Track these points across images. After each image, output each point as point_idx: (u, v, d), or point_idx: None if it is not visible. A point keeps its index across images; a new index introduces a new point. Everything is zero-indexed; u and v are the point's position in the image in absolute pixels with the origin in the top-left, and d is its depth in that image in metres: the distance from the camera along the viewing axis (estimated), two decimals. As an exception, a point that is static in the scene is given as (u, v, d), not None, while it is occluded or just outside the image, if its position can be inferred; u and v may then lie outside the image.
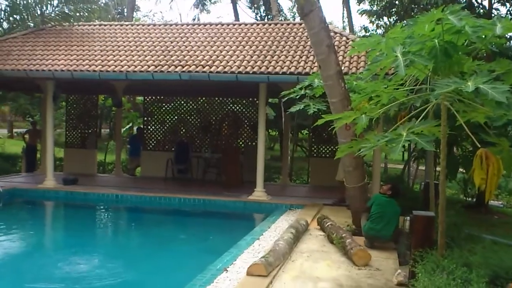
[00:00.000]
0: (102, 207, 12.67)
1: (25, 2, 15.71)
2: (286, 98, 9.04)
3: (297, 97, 8.77)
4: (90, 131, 17.31)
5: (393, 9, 14.10)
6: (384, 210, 7.26)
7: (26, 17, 15.62)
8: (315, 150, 15.67)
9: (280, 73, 10.99)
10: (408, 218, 6.58)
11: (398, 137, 4.74)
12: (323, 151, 15.42)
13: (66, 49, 13.19)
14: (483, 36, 5.28)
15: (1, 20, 15.98)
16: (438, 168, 8.80)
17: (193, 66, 11.52)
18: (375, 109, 5.83)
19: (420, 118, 5.27)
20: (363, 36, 17.25)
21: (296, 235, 7.56)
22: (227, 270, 6.12)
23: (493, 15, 13.07)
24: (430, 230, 5.41)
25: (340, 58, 10.68)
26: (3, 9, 15.85)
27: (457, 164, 9.60)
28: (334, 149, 14.80)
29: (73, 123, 17.42)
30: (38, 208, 12.97)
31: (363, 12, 16.15)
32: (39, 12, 15.51)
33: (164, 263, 7.85)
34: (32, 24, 15.69)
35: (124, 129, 22.40)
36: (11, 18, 16.05)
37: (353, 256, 6.45)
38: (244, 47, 12.46)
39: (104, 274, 7.24)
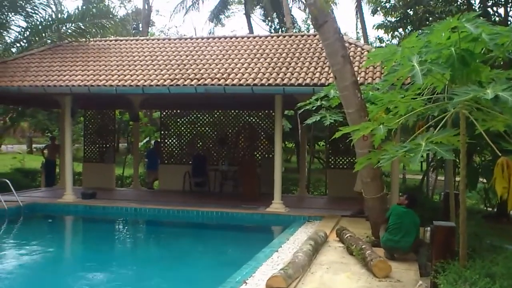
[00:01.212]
0: (120, 220, 12.77)
1: (43, 20, 15.97)
2: (302, 110, 9.02)
3: (313, 108, 8.77)
4: (108, 145, 17.48)
5: (408, 20, 14.01)
6: (402, 221, 7.17)
7: (43, 34, 15.85)
8: (332, 162, 15.60)
9: (296, 84, 11.00)
10: (429, 228, 6.48)
11: (417, 147, 4.70)
12: (341, 162, 15.35)
13: (83, 64, 13.38)
14: (501, 44, 5.22)
15: (20, 39, 16.24)
16: (457, 178, 8.70)
17: (209, 79, 11.59)
18: (392, 119, 5.79)
19: (439, 127, 5.22)
20: (379, 47, 17.20)
21: (315, 247, 7.51)
22: (246, 283, 6.10)
23: (509, 22, 12.96)
24: (451, 241, 5.33)
25: (356, 68, 10.65)
26: (23, 29, 16.12)
27: (477, 173, 9.47)
28: (351, 160, 14.79)
29: (91, 138, 17.61)
30: (58, 222, 13.08)
31: (378, 26, 16.09)
32: (55, 29, 15.74)
33: (183, 276, 7.86)
34: (49, 41, 15.93)
35: (142, 143, 22.57)
36: (30, 38, 16.30)
37: (373, 268, 6.38)
38: (259, 59, 12.51)
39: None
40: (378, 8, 15.86)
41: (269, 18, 31.39)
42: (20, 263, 8.93)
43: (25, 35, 16.16)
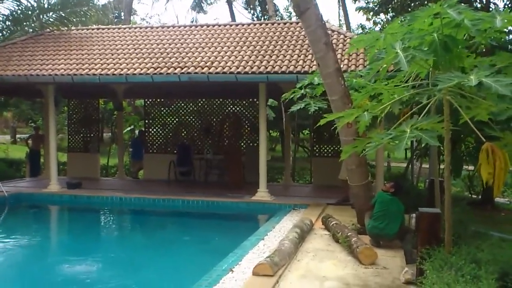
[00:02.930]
0: (106, 210, 12.70)
1: (24, 9, 15.69)
2: (286, 100, 8.97)
3: (298, 97, 8.72)
4: (92, 135, 17.31)
5: (390, 5, 14.03)
6: (387, 208, 7.21)
7: (25, 23, 15.59)
8: (317, 150, 15.62)
9: (279, 72, 10.94)
10: (414, 215, 6.53)
11: (402, 133, 4.70)
12: (325, 150, 15.37)
13: (65, 53, 13.20)
14: (483, 30, 5.23)
15: (2, 28, 15.95)
16: (442, 166, 8.75)
17: (192, 68, 11.50)
18: (376, 106, 5.78)
19: (423, 114, 5.23)
20: (361, 34, 17.21)
21: (301, 235, 7.54)
22: (232, 271, 6.10)
23: (490, 8, 13.01)
24: (436, 227, 5.36)
25: (339, 56, 10.64)
26: (4, 18, 15.84)
27: (461, 160, 9.55)
28: (336, 148, 14.85)
29: (75, 127, 17.44)
30: (43, 212, 13.03)
31: (359, 9, 16.09)
32: (37, 18, 15.48)
33: (169, 264, 7.86)
34: (30, 30, 15.67)
35: (125, 131, 22.39)
36: (12, 28, 16.01)
37: (359, 255, 6.42)
38: (242, 47, 12.43)
39: (108, 277, 7.28)
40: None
41: (251, 6, 31.25)
42: (6, 252, 8.90)
43: (6, 24, 15.86)
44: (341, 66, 9.43)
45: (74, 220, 12.36)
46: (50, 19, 15.34)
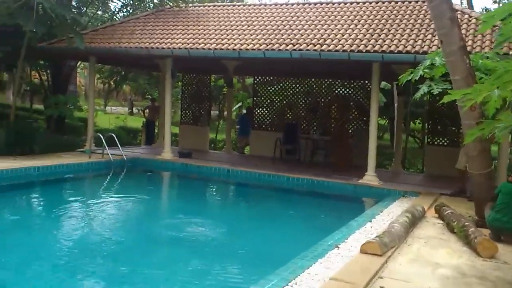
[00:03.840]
0: (214, 179, 13.22)
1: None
2: (400, 83, 8.49)
3: (415, 80, 8.22)
4: (202, 110, 17.88)
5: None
6: (513, 200, 6.66)
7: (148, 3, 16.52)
8: (430, 139, 14.87)
9: (395, 51, 10.47)
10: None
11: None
12: (440, 140, 14.57)
13: (183, 28, 13.72)
14: None
15: (127, 4, 16.95)
16: None
17: (304, 45, 11.38)
18: (508, 84, 5.26)
19: None
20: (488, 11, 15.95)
21: (412, 220, 7.21)
22: (338, 247, 6.03)
23: None
24: None
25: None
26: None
27: None
28: (451, 139, 14.07)
29: (187, 101, 18.12)
30: (157, 176, 13.98)
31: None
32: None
33: (273, 235, 7.95)
34: (152, 5, 16.53)
35: (233, 109, 22.94)
36: (136, 4, 16.98)
37: (478, 246, 5.97)
38: (356, 25, 12.06)
39: (214, 238, 7.58)
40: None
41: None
42: (122, 207, 9.76)
43: (131, 1, 16.84)
44: (465, 46, 8.80)
45: (185, 186, 13.12)
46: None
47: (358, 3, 14.14)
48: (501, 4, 15.40)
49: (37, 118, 17.48)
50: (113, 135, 13.81)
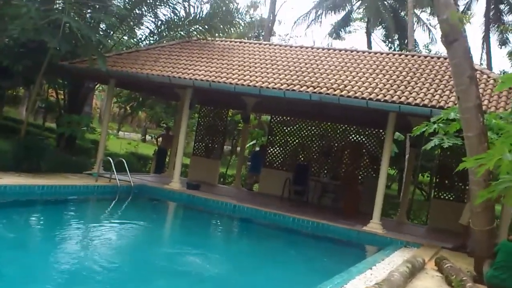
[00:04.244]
0: (219, 213, 13.17)
1: (176, 19, 17.00)
2: (414, 134, 8.62)
3: (428, 133, 8.35)
4: (216, 144, 17.98)
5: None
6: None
7: (175, 30, 16.89)
8: (436, 192, 14.91)
9: (413, 104, 10.67)
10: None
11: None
12: (446, 194, 14.59)
13: (207, 61, 14.03)
14: None
15: (154, 33, 17.39)
16: None
17: (325, 89, 11.61)
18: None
19: None
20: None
21: (412, 270, 7.20)
22: (337, 292, 6.01)
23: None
24: None
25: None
26: (156, 25, 17.27)
27: None
28: (457, 194, 14.13)
29: (202, 133, 18.32)
30: (162, 206, 13.87)
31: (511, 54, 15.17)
32: (185, 26, 16.70)
33: (272, 274, 7.95)
34: (181, 33, 16.89)
35: (247, 145, 23.12)
36: (164, 33, 17.40)
37: (474, 301, 5.99)
38: (377, 75, 12.31)
39: (212, 273, 7.55)
40: (508, 39, 15.03)
41: (389, 39, 30.85)
42: (123, 234, 9.73)
43: (161, 28, 17.25)
44: (481, 104, 8.93)
45: (189, 217, 13.02)
46: (201, 27, 16.38)
47: (382, 53, 14.48)
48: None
49: (48, 136, 17.52)
50: (123, 160, 13.82)
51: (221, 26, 16.37)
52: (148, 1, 15.99)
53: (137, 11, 16.30)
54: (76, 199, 11.95)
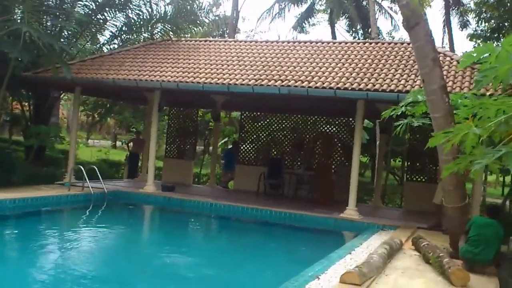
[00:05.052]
0: (196, 213, 13.16)
1: (138, 19, 16.84)
2: (382, 119, 8.81)
3: (397, 116, 8.53)
4: (187, 145, 17.93)
5: (503, 31, 13.47)
6: (483, 232, 6.90)
7: (139, 31, 16.73)
8: (409, 175, 15.24)
9: (380, 90, 10.86)
10: (512, 238, 6.19)
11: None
12: (419, 177, 14.91)
13: (173, 62, 13.96)
14: None
15: (117, 35, 17.19)
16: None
17: (292, 81, 11.71)
18: (483, 122, 5.51)
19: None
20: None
21: (390, 252, 7.38)
22: (318, 278, 6.10)
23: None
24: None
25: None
26: (118, 29, 17.07)
27: None
28: (429, 176, 14.44)
29: (173, 135, 18.24)
30: (138, 210, 13.77)
31: (471, 36, 15.53)
32: (149, 27, 16.57)
33: (254, 267, 8.02)
34: (145, 35, 16.74)
35: (219, 144, 23.10)
36: (124, 36, 17.21)
37: (451, 276, 6.16)
38: (343, 64, 12.48)
39: (195, 272, 7.57)
40: (468, 22, 15.44)
41: (353, 29, 31.18)
42: (101, 240, 9.61)
43: (121, 33, 17.07)
44: (445, 86, 9.15)
45: (166, 219, 12.98)
46: (166, 27, 16.25)
47: (346, 42, 14.67)
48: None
49: (16, 149, 17.12)
50: (95, 167, 13.65)
51: (185, 25, 16.27)
52: (112, 3, 15.75)
53: (100, 16, 16.07)
54: (49, 210, 11.72)
